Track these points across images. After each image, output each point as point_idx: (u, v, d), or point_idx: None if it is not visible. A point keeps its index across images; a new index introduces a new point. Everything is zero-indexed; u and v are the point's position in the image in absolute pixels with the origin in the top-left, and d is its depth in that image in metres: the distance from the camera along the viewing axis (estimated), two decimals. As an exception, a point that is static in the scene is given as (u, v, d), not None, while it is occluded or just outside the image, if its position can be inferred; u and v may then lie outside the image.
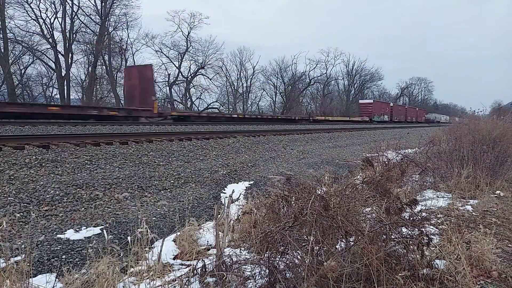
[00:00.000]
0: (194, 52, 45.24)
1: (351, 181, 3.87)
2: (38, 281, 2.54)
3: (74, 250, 3.44)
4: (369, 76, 70.85)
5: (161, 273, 2.66)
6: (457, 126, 8.09)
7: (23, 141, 7.24)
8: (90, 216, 4.36)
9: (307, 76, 61.86)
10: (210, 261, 2.70)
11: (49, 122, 13.34)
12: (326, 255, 2.19)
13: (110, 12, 35.55)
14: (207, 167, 7.53)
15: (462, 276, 2.29)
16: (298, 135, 15.58)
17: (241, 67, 56.01)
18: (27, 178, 5.26)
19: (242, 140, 11.60)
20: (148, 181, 5.99)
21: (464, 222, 3.49)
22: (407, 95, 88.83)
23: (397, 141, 11.73)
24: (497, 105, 20.62)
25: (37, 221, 4.07)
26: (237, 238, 3.42)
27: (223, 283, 2.34)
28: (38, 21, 32.47)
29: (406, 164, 6.04)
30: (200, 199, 5.47)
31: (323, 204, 2.28)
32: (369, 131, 24.15)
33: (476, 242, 2.77)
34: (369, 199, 2.80)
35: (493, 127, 6.22)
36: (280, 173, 7.44)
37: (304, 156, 10.54)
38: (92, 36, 35.95)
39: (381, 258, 2.01)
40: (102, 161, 6.72)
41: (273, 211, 2.96)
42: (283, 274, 2.25)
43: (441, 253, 2.49)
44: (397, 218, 2.36)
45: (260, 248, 2.79)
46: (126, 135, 10.23)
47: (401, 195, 3.75)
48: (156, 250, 2.91)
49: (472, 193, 4.87)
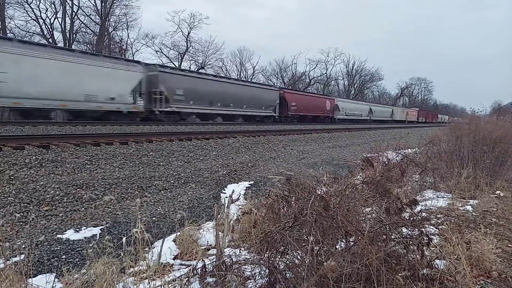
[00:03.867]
0: (194, 52, 45.27)
1: (351, 181, 3.87)
2: (38, 281, 2.54)
3: (74, 250, 3.44)
4: (369, 76, 70.95)
5: (161, 273, 2.66)
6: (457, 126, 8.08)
7: (23, 141, 7.24)
8: (90, 216, 4.36)
9: (307, 76, 61.96)
10: (210, 261, 2.69)
11: (49, 122, 13.34)
12: (326, 255, 2.18)
13: (110, 12, 35.53)
14: (207, 167, 7.53)
15: (462, 276, 2.29)
16: (298, 135, 15.58)
17: (241, 67, 56.07)
18: (27, 178, 5.26)
19: (242, 140, 11.60)
20: (148, 181, 5.99)
21: (464, 222, 3.49)
22: (407, 95, 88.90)
23: (397, 141, 11.74)
24: (497, 105, 20.63)
25: (37, 221, 4.07)
26: (237, 238, 3.42)
27: (223, 283, 2.34)
28: (38, 21, 32.45)
29: (406, 164, 6.04)
30: (200, 199, 5.47)
31: (323, 204, 2.28)
32: (369, 131, 24.17)
33: (476, 242, 2.77)
34: (369, 199, 2.80)
35: (494, 128, 6.22)
36: (280, 173, 7.43)
37: (304, 156, 10.54)
38: (92, 36, 35.95)
39: (381, 258, 2.01)
40: (102, 161, 6.72)
41: (273, 211, 2.96)
42: (283, 274, 2.25)
43: (441, 253, 2.49)
44: (397, 218, 2.35)
45: (260, 248, 2.79)
46: (126, 135, 10.23)
47: (401, 195, 3.75)
48: (156, 250, 2.91)
49: (472, 193, 4.87)
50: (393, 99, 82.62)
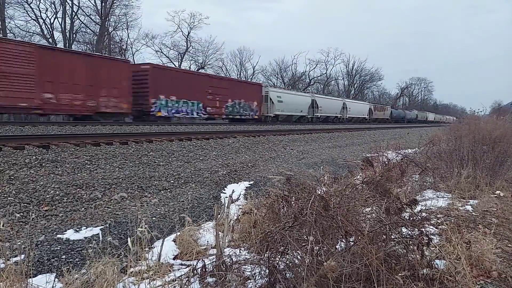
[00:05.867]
0: (194, 52, 45.27)
1: (351, 181, 3.86)
2: (38, 281, 2.54)
3: (74, 250, 3.44)
4: (369, 76, 70.90)
5: (161, 273, 2.66)
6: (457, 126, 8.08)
7: (23, 141, 7.24)
8: (90, 216, 4.36)
9: (307, 76, 61.92)
10: (210, 261, 2.70)
11: (49, 122, 13.34)
12: (326, 255, 2.18)
13: (110, 12, 35.53)
14: (207, 167, 7.53)
15: (462, 276, 2.29)
16: (298, 135, 15.57)
17: (241, 67, 56.05)
18: (27, 178, 5.26)
19: (242, 140, 11.60)
20: (148, 181, 5.99)
21: (464, 222, 3.48)
22: (407, 95, 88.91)
23: (397, 141, 11.74)
24: (497, 105, 20.63)
25: (37, 221, 4.07)
26: (237, 238, 3.42)
27: (223, 283, 2.34)
28: (38, 21, 32.49)
29: (406, 164, 6.02)
30: (200, 199, 5.47)
31: (323, 204, 2.28)
32: (369, 131, 24.18)
33: (476, 242, 2.77)
34: (369, 199, 2.80)
35: (494, 128, 6.22)
36: (280, 173, 7.43)
37: (304, 156, 10.54)
38: (92, 36, 35.96)
39: (381, 258, 2.01)
40: (102, 161, 6.72)
41: (273, 211, 2.96)
42: (283, 274, 2.25)
43: (441, 253, 2.49)
44: (397, 218, 2.35)
45: (260, 248, 2.79)
46: (126, 135, 10.23)
47: (401, 195, 3.75)
48: (156, 250, 2.91)
49: (472, 193, 4.86)
50: (393, 99, 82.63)
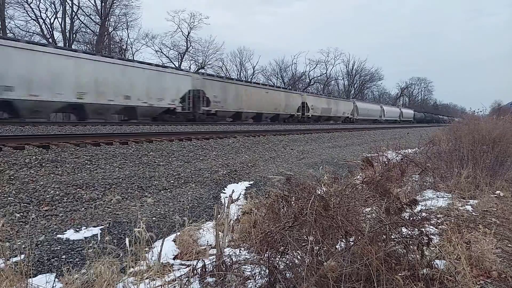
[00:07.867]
0: (194, 52, 45.26)
1: (351, 181, 3.87)
2: (38, 281, 2.54)
3: (74, 250, 3.44)
4: (369, 76, 70.94)
5: (161, 273, 2.66)
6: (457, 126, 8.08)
7: (23, 141, 7.24)
8: (90, 216, 4.36)
9: (307, 76, 61.95)
10: (210, 261, 2.70)
11: (49, 122, 13.34)
12: (326, 255, 2.18)
13: (110, 12, 35.53)
14: (207, 167, 7.53)
15: (462, 276, 2.29)
16: (298, 135, 15.57)
17: (241, 67, 56.07)
18: (27, 178, 5.26)
19: (242, 140, 11.60)
20: (148, 181, 5.99)
21: (464, 222, 3.48)
22: (407, 95, 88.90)
23: (397, 141, 11.75)
24: (497, 105, 20.64)
25: (37, 221, 4.07)
26: (237, 238, 3.42)
27: (223, 283, 2.34)
28: (38, 21, 32.48)
29: (406, 164, 6.03)
30: (200, 199, 5.47)
31: (323, 204, 2.28)
32: (369, 131, 24.17)
33: (476, 242, 2.77)
34: (369, 199, 2.80)
35: (493, 127, 6.22)
36: (280, 173, 7.43)
37: (304, 156, 10.54)
38: (92, 36, 35.95)
39: (381, 258, 2.01)
40: (102, 161, 6.72)
41: (273, 211, 2.96)
42: (283, 274, 2.25)
43: (441, 253, 2.49)
44: (397, 218, 2.35)
45: (260, 248, 2.79)
46: (126, 135, 10.22)
47: (401, 195, 3.75)
48: (156, 250, 2.91)
49: (472, 193, 4.86)
50: (393, 99, 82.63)
